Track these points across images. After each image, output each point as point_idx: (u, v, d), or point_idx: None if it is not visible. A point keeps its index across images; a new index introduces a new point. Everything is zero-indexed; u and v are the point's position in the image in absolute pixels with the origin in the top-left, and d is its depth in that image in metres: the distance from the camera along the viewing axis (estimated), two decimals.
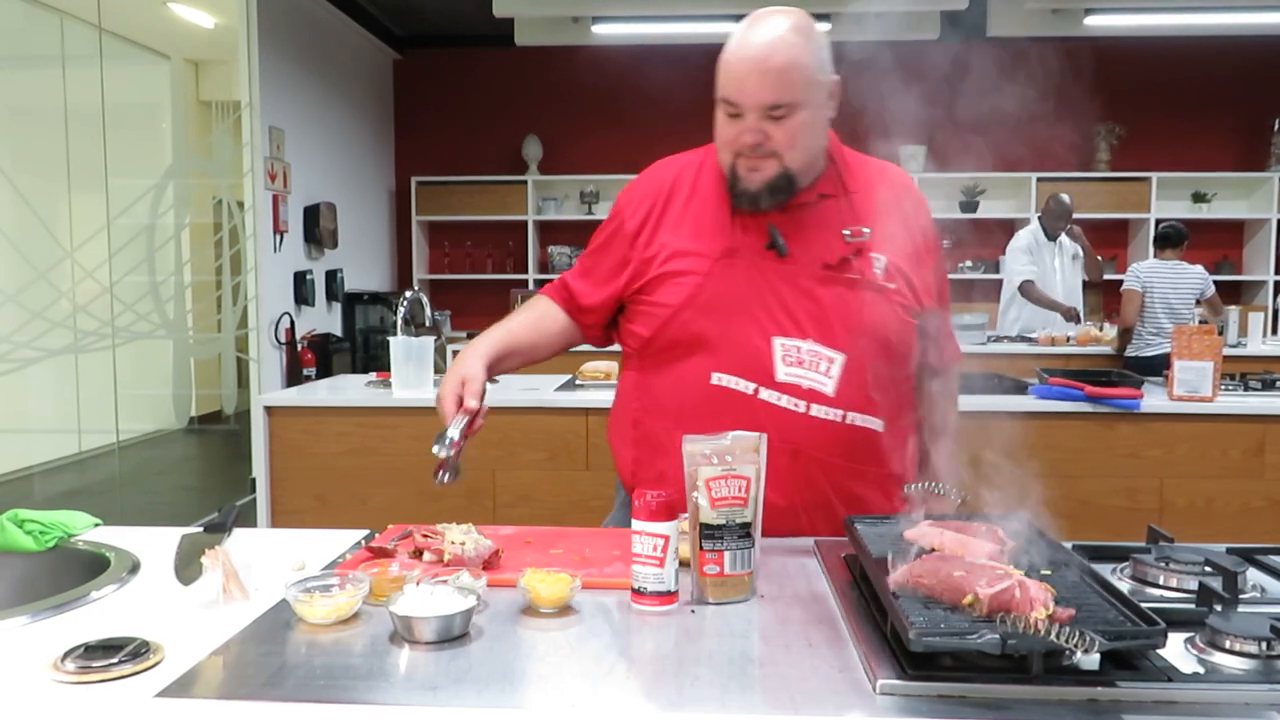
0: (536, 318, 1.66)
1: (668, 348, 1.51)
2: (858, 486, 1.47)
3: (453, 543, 1.28)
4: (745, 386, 1.45)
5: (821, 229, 1.49)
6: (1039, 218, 5.88)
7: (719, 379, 1.46)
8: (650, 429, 1.54)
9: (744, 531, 1.18)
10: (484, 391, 1.50)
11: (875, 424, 1.48)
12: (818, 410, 1.44)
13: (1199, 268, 5.22)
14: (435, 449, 1.42)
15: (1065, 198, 5.66)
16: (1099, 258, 5.85)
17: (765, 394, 1.44)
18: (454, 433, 1.43)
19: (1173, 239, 5.23)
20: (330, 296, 6.37)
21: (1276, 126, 7.10)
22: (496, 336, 1.60)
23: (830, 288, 1.46)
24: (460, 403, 1.46)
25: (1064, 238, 5.75)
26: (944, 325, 1.61)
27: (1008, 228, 6.17)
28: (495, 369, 1.56)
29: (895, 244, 1.51)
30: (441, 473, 1.43)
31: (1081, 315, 6.04)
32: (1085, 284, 5.95)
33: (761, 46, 1.39)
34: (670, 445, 1.48)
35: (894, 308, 1.48)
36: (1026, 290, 5.84)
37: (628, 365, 1.62)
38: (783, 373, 1.44)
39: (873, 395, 1.46)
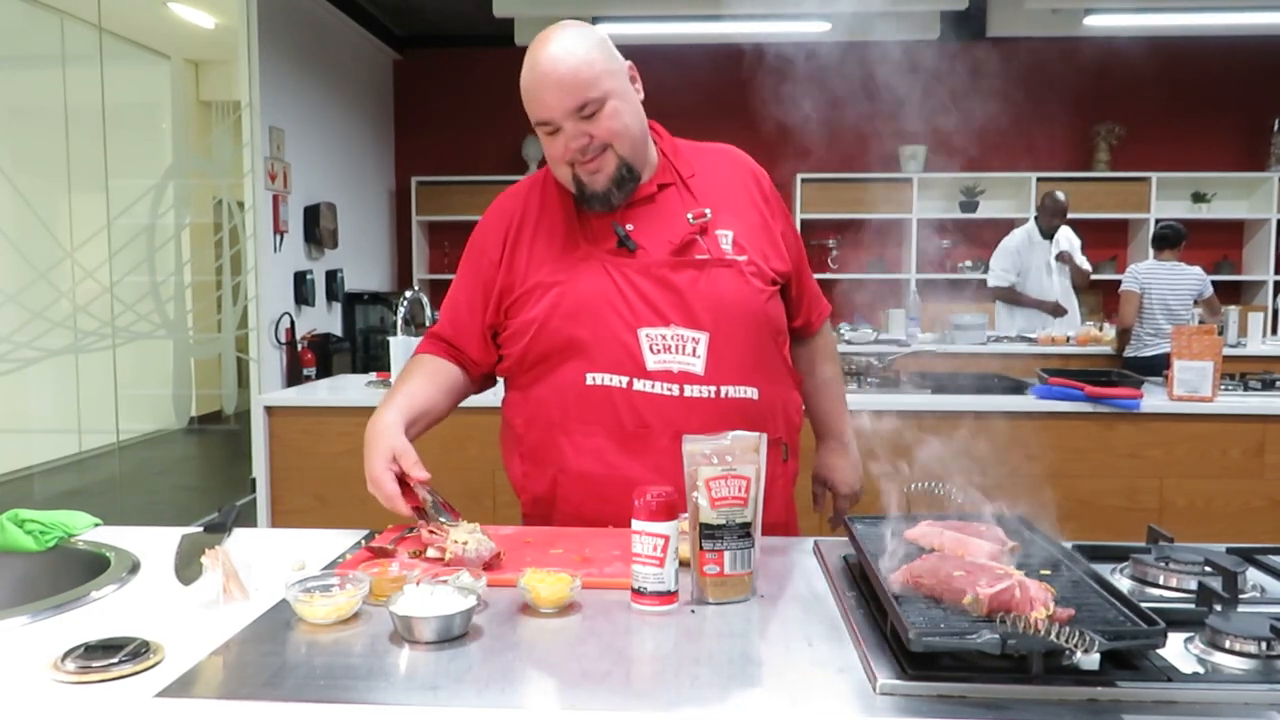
0: (428, 375, 1.61)
1: (540, 359, 1.55)
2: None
3: (455, 541, 1.28)
4: (619, 381, 1.49)
5: (665, 217, 1.54)
6: (1034, 216, 5.90)
7: (593, 378, 1.50)
8: (535, 439, 1.58)
9: (744, 531, 1.18)
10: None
11: (750, 393, 1.52)
12: (691, 390, 1.49)
13: (1197, 268, 5.22)
14: (435, 533, 1.34)
15: (1060, 195, 5.68)
16: (1088, 268, 5.87)
17: (639, 384, 1.49)
18: (435, 512, 1.38)
19: (1170, 240, 5.24)
20: (330, 296, 6.37)
21: (1276, 126, 7.10)
22: (400, 404, 1.52)
23: (682, 272, 1.51)
24: (400, 480, 1.40)
25: (1059, 235, 5.76)
26: (806, 284, 1.70)
27: (1008, 228, 6.17)
28: (409, 437, 1.50)
29: (738, 218, 1.57)
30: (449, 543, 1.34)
31: (1080, 315, 6.06)
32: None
33: (546, 61, 1.46)
34: (555, 451, 1.55)
35: (746, 279, 1.53)
36: (999, 294, 5.87)
37: (507, 387, 1.66)
38: (652, 361, 1.49)
39: (742, 366, 1.52)
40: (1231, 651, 0.98)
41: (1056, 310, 5.76)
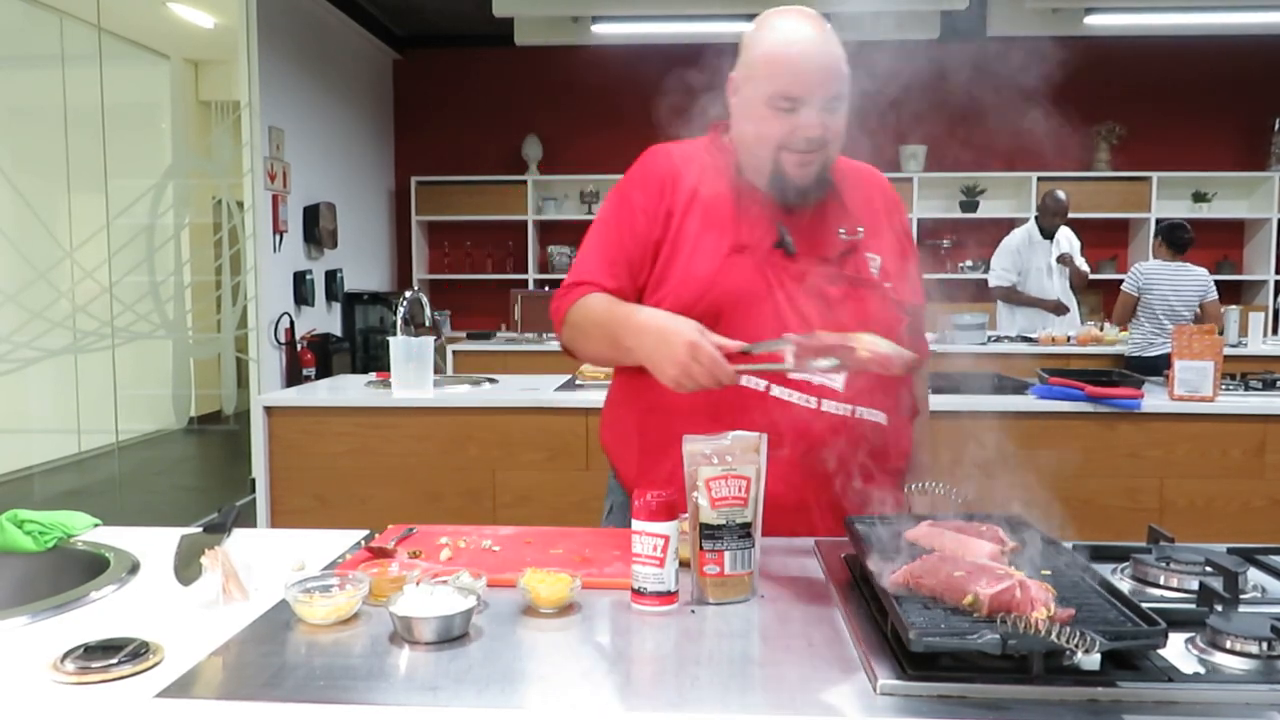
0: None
1: None
2: (865, 481, 1.46)
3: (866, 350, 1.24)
4: (757, 384, 1.45)
5: (820, 228, 1.51)
6: (1035, 216, 5.90)
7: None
8: (657, 430, 1.51)
9: (744, 531, 1.18)
10: None
11: (880, 418, 1.50)
12: (828, 405, 1.46)
13: (1202, 270, 5.22)
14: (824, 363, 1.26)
15: (1060, 194, 5.68)
16: (1087, 270, 5.88)
17: (777, 391, 1.45)
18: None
19: (1171, 242, 5.23)
20: (330, 296, 6.37)
21: (1276, 126, 7.10)
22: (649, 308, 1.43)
23: (836, 285, 1.48)
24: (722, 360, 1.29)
25: (1059, 235, 5.77)
26: (919, 323, 1.64)
27: (1008, 227, 6.18)
28: None
29: (884, 243, 1.54)
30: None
31: (1080, 315, 6.06)
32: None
33: (813, 39, 1.41)
34: (677, 445, 1.43)
35: (889, 304, 1.51)
36: (999, 294, 5.88)
37: (623, 368, 1.59)
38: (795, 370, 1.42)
39: (876, 390, 1.48)
40: (1232, 652, 0.98)
41: (1058, 309, 5.76)
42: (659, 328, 1.34)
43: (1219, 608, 1.05)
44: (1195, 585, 1.13)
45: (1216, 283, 5.27)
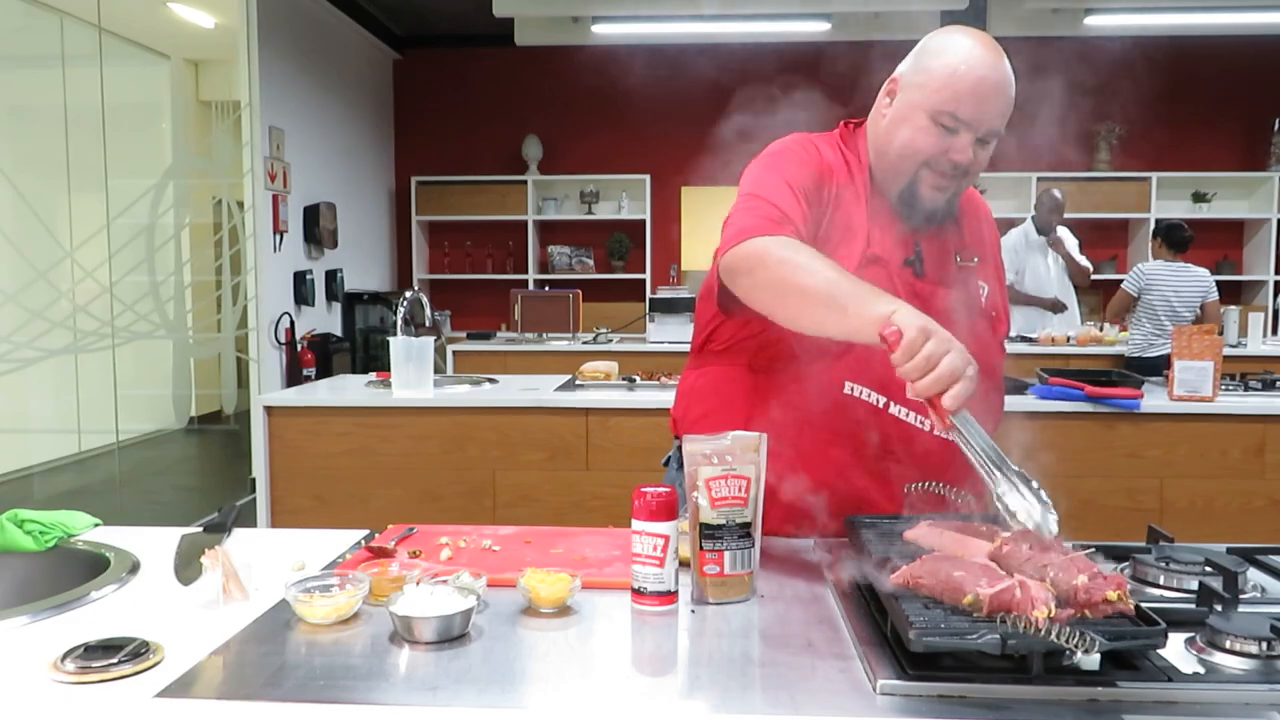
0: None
1: (798, 349, 1.40)
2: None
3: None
4: (876, 399, 1.41)
5: (942, 251, 1.48)
6: (1032, 215, 5.90)
7: (851, 388, 1.41)
8: (765, 428, 1.39)
9: (744, 531, 1.18)
10: None
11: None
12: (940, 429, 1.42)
13: (1204, 271, 5.21)
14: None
15: (1057, 193, 5.68)
16: (1088, 265, 5.87)
17: (894, 409, 1.41)
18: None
19: (1171, 242, 5.23)
20: (330, 296, 6.37)
21: (1276, 126, 7.10)
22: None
23: (960, 309, 1.42)
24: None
25: (1058, 234, 5.76)
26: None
27: (1008, 228, 6.17)
28: None
29: (991, 273, 1.54)
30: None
31: (1080, 314, 6.06)
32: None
33: (1002, 70, 1.36)
34: (786, 454, 1.36)
35: (995, 332, 1.51)
36: None
37: (720, 360, 1.52)
38: (911, 390, 1.29)
39: (980, 415, 1.44)
40: (1232, 651, 0.98)
41: (1055, 306, 5.76)
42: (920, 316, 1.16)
43: (1219, 608, 1.06)
44: (1195, 585, 1.13)
45: (1216, 283, 5.27)
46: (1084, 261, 5.86)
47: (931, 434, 1.38)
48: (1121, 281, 5.34)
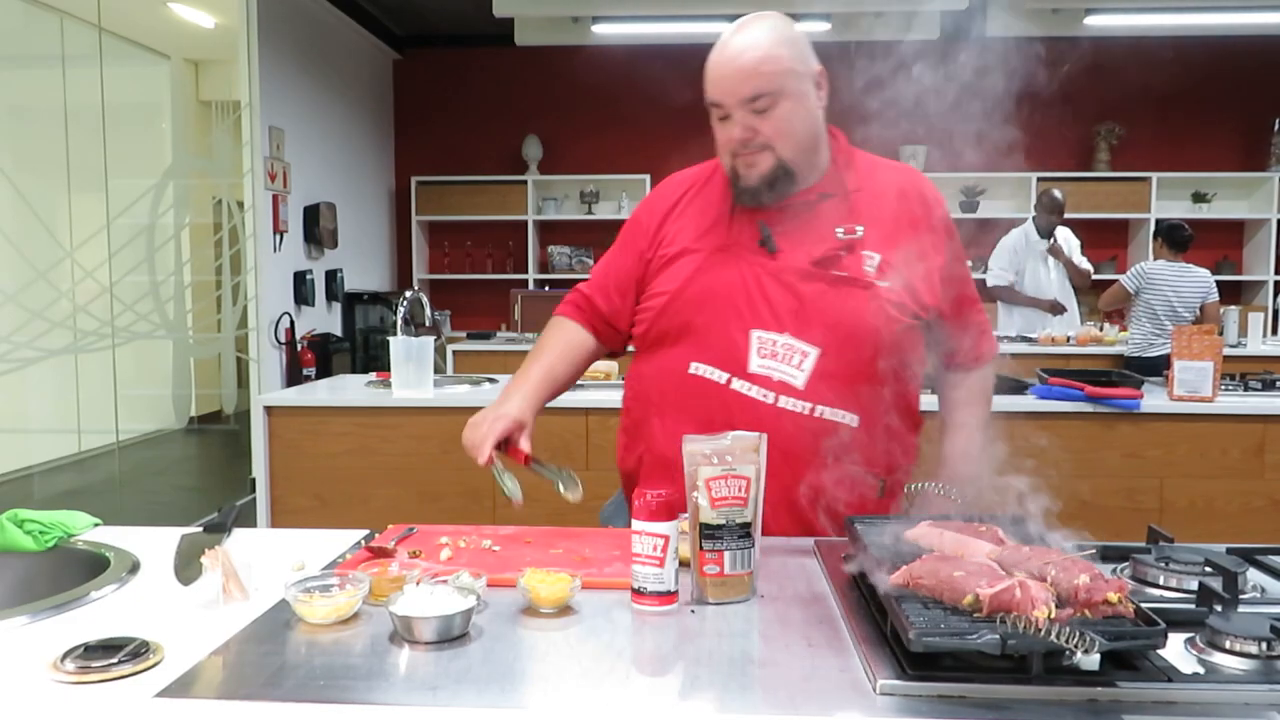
0: (567, 348, 1.67)
1: (659, 338, 1.57)
2: (823, 480, 1.44)
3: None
4: (719, 376, 1.50)
5: (815, 227, 1.52)
6: (1032, 215, 5.90)
7: (696, 368, 1.52)
8: (636, 416, 1.63)
9: (744, 531, 1.18)
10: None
11: (848, 419, 1.49)
12: (786, 402, 1.48)
13: (1205, 271, 5.21)
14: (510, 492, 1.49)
15: (1057, 193, 5.69)
16: (1089, 268, 5.88)
17: (737, 384, 1.49)
18: (514, 489, 1.48)
19: (1171, 242, 5.23)
20: (330, 296, 6.37)
21: (1276, 126, 7.10)
22: (540, 379, 1.61)
23: (812, 284, 1.49)
24: (504, 446, 1.53)
25: (1057, 235, 5.77)
26: (966, 320, 1.61)
27: (1008, 228, 6.18)
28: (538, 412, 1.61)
29: (892, 242, 1.51)
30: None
31: (1080, 315, 6.06)
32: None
33: (735, 45, 1.46)
34: (647, 431, 1.58)
35: (882, 304, 1.48)
36: (998, 293, 5.89)
37: (633, 358, 1.69)
38: (755, 364, 1.48)
39: (846, 391, 1.48)
40: (1231, 652, 0.98)
41: (1054, 308, 5.77)
42: (499, 399, 1.59)
43: (1218, 608, 1.05)
44: (1195, 585, 1.13)
45: (1216, 283, 5.27)
46: (1084, 264, 5.86)
47: (774, 406, 1.47)
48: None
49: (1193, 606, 1.09)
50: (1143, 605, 0.97)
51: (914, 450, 1.60)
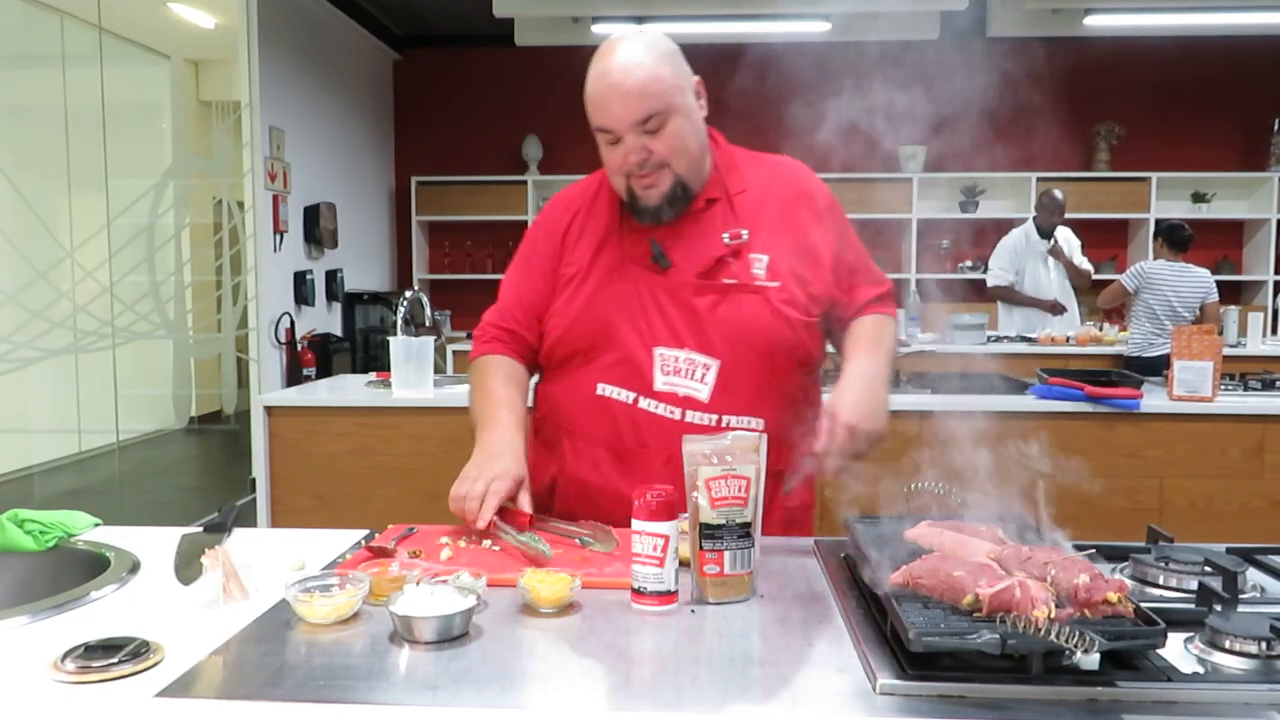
0: (518, 386, 1.60)
1: (564, 360, 1.57)
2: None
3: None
4: (625, 396, 1.50)
5: (704, 235, 1.51)
6: (1033, 215, 5.90)
7: (603, 389, 1.52)
8: (547, 435, 1.63)
9: (744, 531, 1.18)
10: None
11: (755, 423, 1.50)
12: (693, 416, 1.49)
13: (1205, 271, 5.21)
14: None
15: (1057, 193, 5.69)
16: (1089, 269, 5.89)
17: (644, 403, 1.50)
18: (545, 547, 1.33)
19: (1171, 242, 5.23)
20: (330, 296, 6.37)
21: (1276, 126, 7.10)
22: (514, 424, 1.53)
23: (704, 296, 1.49)
24: (495, 507, 1.40)
25: (1058, 235, 5.77)
26: (865, 292, 1.58)
27: (1008, 228, 6.18)
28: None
29: (777, 241, 1.52)
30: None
31: (1080, 315, 6.07)
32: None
33: (617, 69, 1.43)
34: (559, 451, 1.58)
35: (774, 306, 1.49)
36: (998, 294, 5.89)
37: (542, 376, 1.68)
38: (660, 382, 1.49)
39: (750, 397, 1.50)
40: (1231, 651, 0.98)
41: (1054, 308, 5.77)
42: (486, 452, 1.49)
43: (1218, 608, 1.06)
44: (1194, 585, 1.13)
45: (1216, 283, 5.27)
46: (1085, 265, 5.86)
47: (682, 421, 1.48)
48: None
49: (1192, 606, 1.09)
50: (1143, 605, 0.97)
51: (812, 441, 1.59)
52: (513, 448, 1.48)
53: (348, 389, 3.54)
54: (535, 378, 1.68)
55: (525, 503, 1.43)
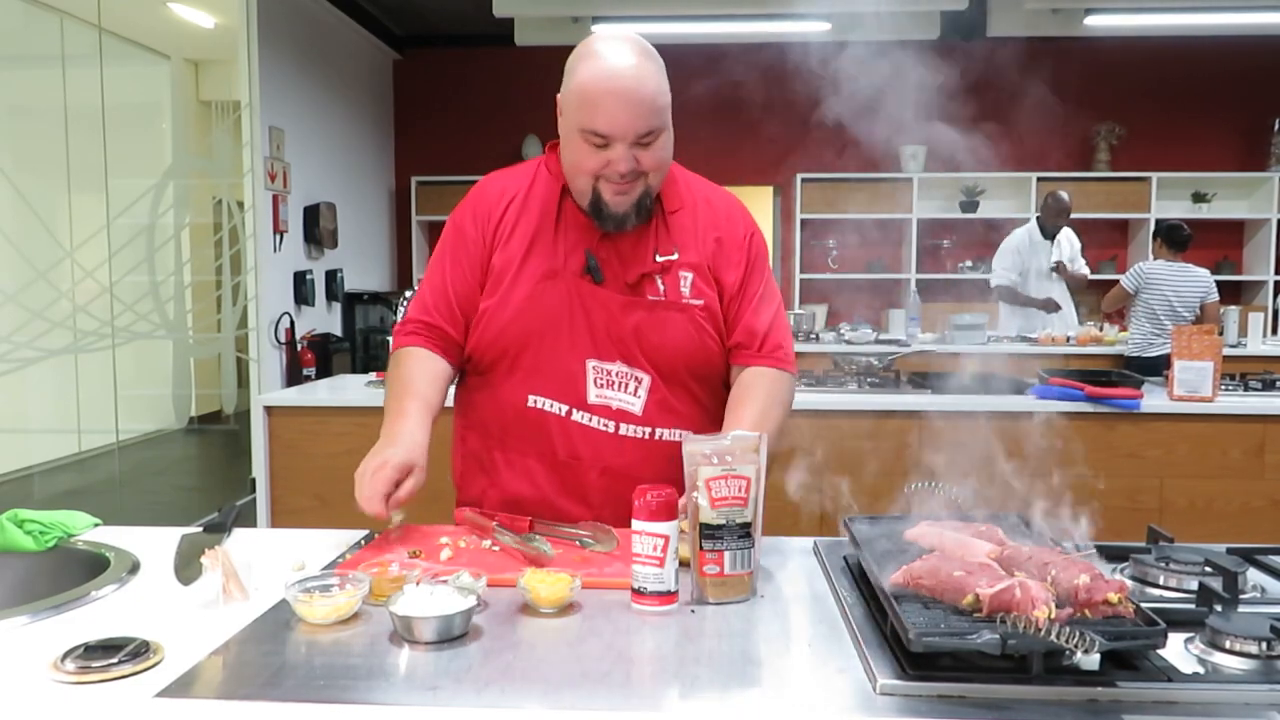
0: (434, 378, 1.52)
1: (492, 364, 1.53)
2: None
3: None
4: (559, 409, 1.50)
5: (637, 250, 1.51)
6: (1037, 216, 5.91)
7: (535, 401, 1.50)
8: (474, 446, 1.59)
9: (744, 531, 1.18)
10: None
11: (685, 436, 1.47)
12: (626, 429, 1.49)
13: (1204, 271, 5.21)
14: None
15: (1063, 195, 5.69)
16: (1085, 273, 5.91)
17: (577, 415, 1.49)
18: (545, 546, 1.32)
19: (1171, 242, 5.23)
20: (330, 296, 6.37)
21: (1276, 126, 7.10)
22: (421, 413, 1.46)
23: (636, 311, 1.49)
24: (388, 497, 1.35)
25: (1061, 236, 5.78)
26: (771, 334, 1.55)
27: (1008, 228, 6.18)
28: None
29: (705, 262, 1.52)
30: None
31: (1078, 315, 6.07)
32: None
33: (628, 76, 1.38)
34: (489, 464, 1.55)
35: (698, 324, 1.50)
36: (1001, 294, 5.91)
37: (460, 382, 1.63)
38: (594, 395, 1.49)
39: (681, 411, 1.51)
40: (1231, 652, 0.98)
41: (1049, 305, 5.79)
42: (382, 442, 1.41)
43: (1218, 608, 1.06)
44: (1195, 585, 1.13)
45: (1216, 283, 5.27)
46: (1083, 270, 5.90)
47: (615, 434, 1.48)
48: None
49: (1193, 606, 1.09)
50: (1143, 605, 0.97)
51: None
52: (411, 438, 1.40)
53: (348, 389, 3.54)
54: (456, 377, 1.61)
55: (407, 489, 1.36)
